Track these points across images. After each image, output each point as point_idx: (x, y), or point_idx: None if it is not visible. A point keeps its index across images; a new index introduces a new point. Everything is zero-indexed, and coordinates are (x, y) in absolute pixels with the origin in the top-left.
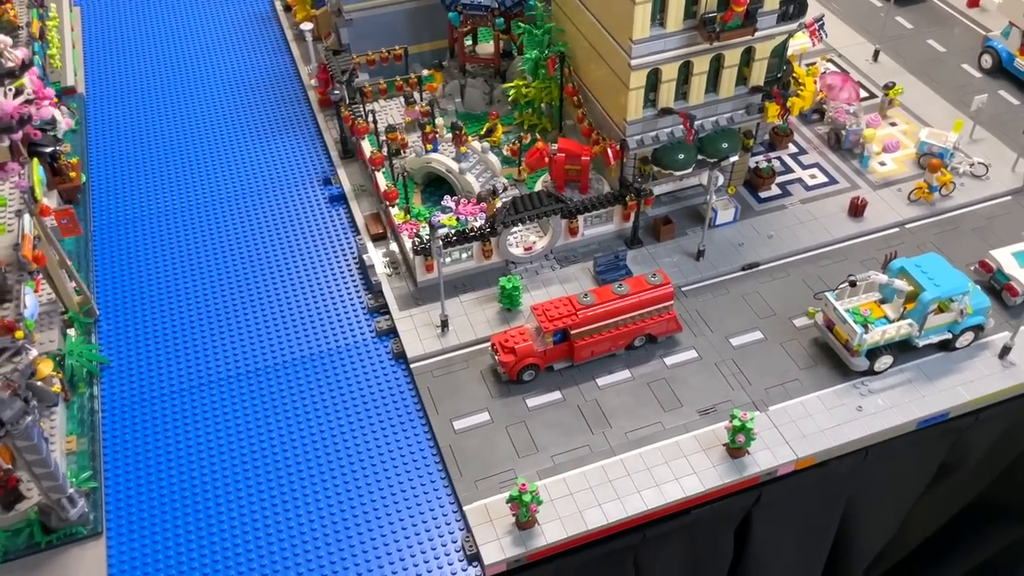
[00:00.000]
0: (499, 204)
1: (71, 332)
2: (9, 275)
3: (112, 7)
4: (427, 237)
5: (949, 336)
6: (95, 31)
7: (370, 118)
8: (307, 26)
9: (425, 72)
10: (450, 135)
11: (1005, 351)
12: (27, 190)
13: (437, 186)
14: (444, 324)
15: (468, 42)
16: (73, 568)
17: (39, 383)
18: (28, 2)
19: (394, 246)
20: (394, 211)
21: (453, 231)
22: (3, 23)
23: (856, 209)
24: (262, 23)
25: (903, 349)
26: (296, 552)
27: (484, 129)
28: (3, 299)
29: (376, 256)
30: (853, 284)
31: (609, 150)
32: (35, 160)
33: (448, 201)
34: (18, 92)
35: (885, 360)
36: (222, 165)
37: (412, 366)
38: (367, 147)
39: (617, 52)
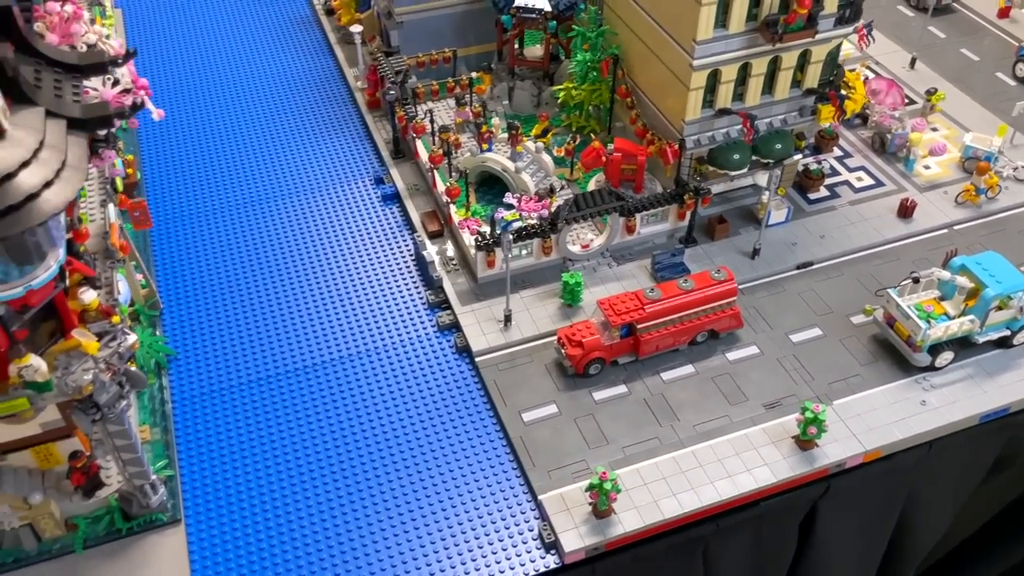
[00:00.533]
0: (555, 202)
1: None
2: (97, 263)
3: (151, 9)
4: (489, 233)
5: (1007, 333)
6: (137, 32)
7: (427, 118)
8: (356, 28)
9: (474, 74)
10: (505, 135)
11: None
12: (111, 180)
13: (490, 185)
14: (507, 319)
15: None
16: (155, 554)
17: (132, 368)
18: (88, 2)
19: (448, 243)
20: (453, 209)
21: (517, 226)
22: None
23: (905, 211)
24: (303, 26)
25: (962, 346)
26: (375, 540)
27: (540, 130)
28: (93, 285)
29: (434, 253)
30: (916, 281)
31: (668, 150)
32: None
33: (510, 198)
34: (116, 82)
35: (946, 356)
36: (273, 164)
37: (477, 360)
38: (423, 147)
39: (677, 53)
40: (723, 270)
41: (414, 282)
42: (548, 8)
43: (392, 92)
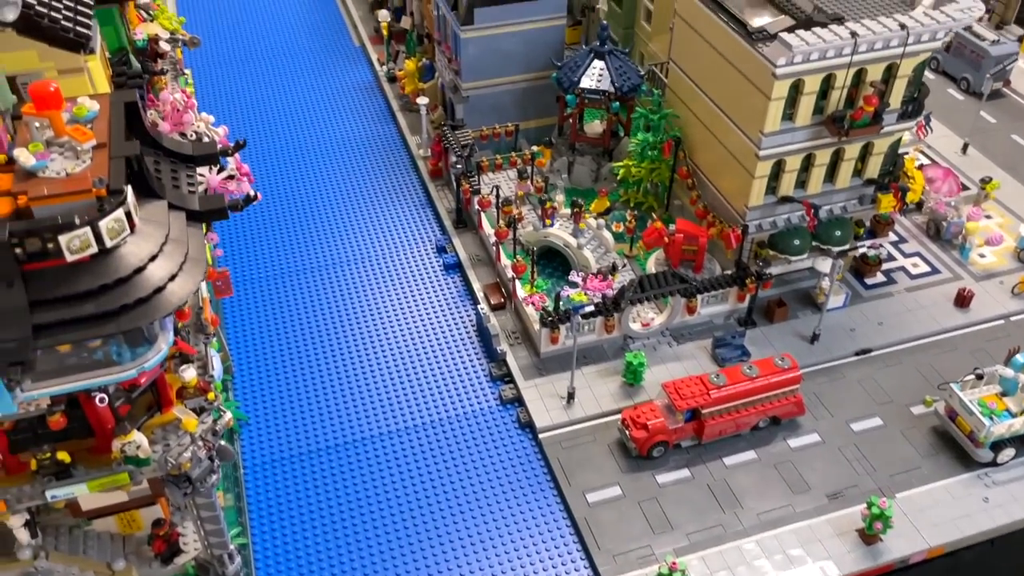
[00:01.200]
0: (618, 280)
1: None
2: (190, 337)
3: (219, 74)
4: (554, 310)
5: None
6: (205, 97)
7: (493, 192)
8: (423, 100)
9: (535, 148)
10: (567, 210)
11: None
12: None
13: (549, 258)
14: (571, 396)
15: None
16: None
17: (222, 442)
18: (174, 74)
19: (503, 316)
20: (518, 283)
21: (587, 307)
22: (156, 91)
23: (963, 300)
24: (366, 93)
25: (1023, 443)
26: None
27: (603, 207)
28: (186, 360)
29: (498, 326)
30: (980, 377)
31: (731, 235)
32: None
33: (575, 276)
34: (221, 168)
35: (1008, 452)
36: (336, 230)
37: (540, 436)
38: (486, 220)
39: (742, 141)
40: (787, 357)
41: (476, 354)
42: (612, 90)
43: (459, 166)
